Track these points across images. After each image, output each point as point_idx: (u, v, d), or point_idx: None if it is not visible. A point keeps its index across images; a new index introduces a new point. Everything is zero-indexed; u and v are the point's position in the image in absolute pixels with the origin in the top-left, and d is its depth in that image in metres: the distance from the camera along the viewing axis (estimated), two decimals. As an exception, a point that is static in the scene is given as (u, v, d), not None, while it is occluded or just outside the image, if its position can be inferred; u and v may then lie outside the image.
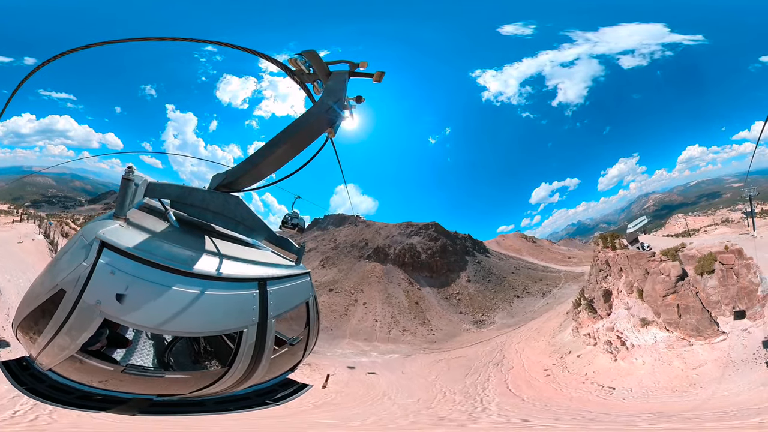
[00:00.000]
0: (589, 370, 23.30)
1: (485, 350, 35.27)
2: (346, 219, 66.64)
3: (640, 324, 22.33)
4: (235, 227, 4.40)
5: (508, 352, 32.69)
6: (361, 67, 4.41)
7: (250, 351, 3.80)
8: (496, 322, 48.46)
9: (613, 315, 25.36)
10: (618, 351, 22.82)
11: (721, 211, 58.79)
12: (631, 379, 20.65)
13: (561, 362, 26.12)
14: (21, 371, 4.14)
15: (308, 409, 20.07)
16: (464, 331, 46.98)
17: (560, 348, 28.63)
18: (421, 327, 47.94)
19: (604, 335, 24.67)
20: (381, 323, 47.96)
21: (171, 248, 3.62)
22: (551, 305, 46.79)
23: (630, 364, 21.66)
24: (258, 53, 4.37)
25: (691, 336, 19.67)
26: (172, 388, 4.04)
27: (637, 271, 23.77)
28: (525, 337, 35.82)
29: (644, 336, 21.77)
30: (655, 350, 21.03)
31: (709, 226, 49.96)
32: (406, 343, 44.33)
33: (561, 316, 37.27)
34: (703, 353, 19.24)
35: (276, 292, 3.98)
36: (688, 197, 68.97)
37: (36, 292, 3.76)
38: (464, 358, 34.07)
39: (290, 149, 4.30)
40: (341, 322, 47.64)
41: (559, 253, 66.46)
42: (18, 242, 31.77)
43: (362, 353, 40.33)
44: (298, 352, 4.65)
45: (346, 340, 44.02)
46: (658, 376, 19.84)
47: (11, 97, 4.89)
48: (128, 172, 3.91)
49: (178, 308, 3.38)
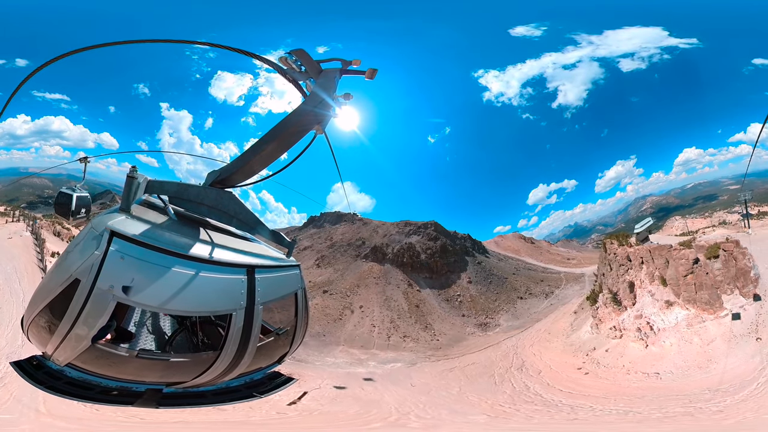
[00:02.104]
0: (624, 362, 24.72)
1: (497, 355, 33.58)
2: (343, 217, 65.11)
3: (665, 306, 25.30)
4: (228, 221, 4.69)
5: (524, 355, 31.40)
6: (354, 64, 4.56)
7: (238, 335, 4.05)
8: (502, 324, 46.69)
9: (638, 304, 27.62)
10: (648, 337, 24.97)
11: (718, 213, 59.03)
12: (666, 362, 22.90)
13: (590, 359, 26.79)
14: (35, 370, 4.40)
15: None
16: (469, 335, 44.85)
17: (580, 347, 29.19)
18: (424, 332, 45.64)
19: (632, 324, 26.71)
20: (379, 328, 45.37)
21: (171, 236, 4.00)
22: (555, 306, 46.11)
23: (660, 348, 24.12)
24: (248, 53, 4.51)
25: (704, 311, 23.51)
26: (176, 374, 4.34)
27: (659, 260, 27.23)
28: (536, 339, 34.99)
29: (668, 317, 24.86)
30: (678, 331, 24.02)
31: (707, 227, 50.19)
32: (408, 350, 41.63)
33: (568, 316, 37.29)
34: (712, 329, 22.66)
35: (264, 279, 4.21)
36: (685, 199, 69.21)
37: (48, 287, 4.02)
38: (478, 365, 32.01)
39: (278, 147, 4.54)
40: (335, 327, 45.19)
41: (558, 255, 66.42)
42: (8, 238, 34.36)
43: (358, 362, 37.43)
44: (285, 342, 4.83)
45: (339, 348, 41.60)
46: (685, 355, 22.53)
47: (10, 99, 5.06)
48: (132, 171, 4.30)
49: (177, 287, 3.74)
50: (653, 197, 72.66)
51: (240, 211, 4.66)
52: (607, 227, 73.39)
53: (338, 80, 4.52)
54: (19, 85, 4.76)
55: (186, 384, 4.40)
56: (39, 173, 63.66)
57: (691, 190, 69.31)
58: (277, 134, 4.46)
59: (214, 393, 4.88)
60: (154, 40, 4.79)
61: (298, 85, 4.75)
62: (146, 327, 5.46)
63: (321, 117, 4.47)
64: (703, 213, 61.44)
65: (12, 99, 5.08)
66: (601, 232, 73.23)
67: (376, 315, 47.35)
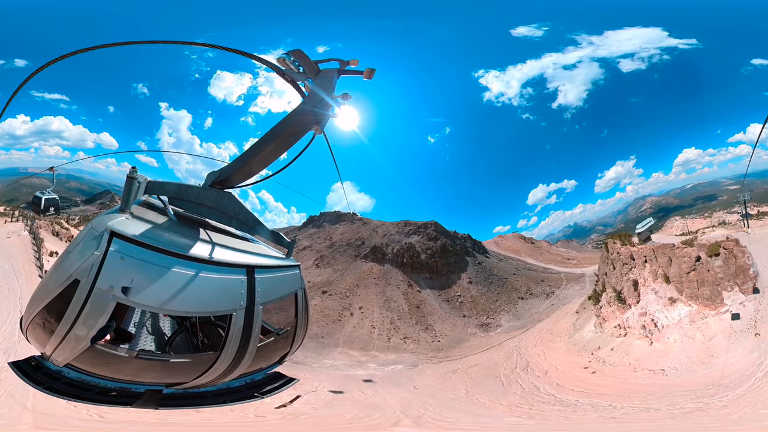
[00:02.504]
0: (630, 359, 25.03)
1: (500, 356, 33.07)
2: (343, 216, 64.15)
3: (668, 303, 25.96)
4: (228, 221, 4.71)
5: (528, 356, 31.09)
6: (352, 64, 4.57)
7: (238, 336, 4.06)
8: (503, 324, 45.93)
9: (642, 301, 28.06)
10: (652, 333, 25.51)
11: (717, 214, 58.97)
12: (671, 359, 23.19)
13: (595, 358, 26.95)
14: (33, 371, 4.38)
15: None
16: (471, 336, 43.87)
17: (585, 346, 29.31)
18: (425, 333, 44.55)
19: (637, 322, 27.19)
20: (379, 330, 44.31)
21: (171, 236, 4.01)
22: (556, 306, 45.81)
23: (664, 345, 24.54)
24: (246, 54, 4.51)
25: (706, 307, 24.22)
26: (176, 375, 4.34)
27: (662, 259, 27.96)
28: (539, 339, 34.79)
29: (672, 314, 25.48)
30: (681, 327, 24.58)
31: (706, 228, 50.20)
32: (409, 351, 40.40)
33: (569, 316, 37.21)
34: (714, 324, 23.22)
35: (264, 280, 4.22)
36: (685, 200, 69.19)
37: (48, 287, 4.00)
38: (481, 366, 31.42)
39: (277, 147, 4.56)
40: (334, 328, 43.99)
41: (558, 255, 66.21)
42: (6, 237, 35.57)
43: (358, 364, 36.27)
44: (286, 343, 4.82)
45: (338, 350, 40.12)
46: (688, 351, 22.94)
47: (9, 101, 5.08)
48: (132, 172, 4.29)
49: (177, 288, 3.74)
50: (653, 197, 72.66)
51: (240, 211, 4.67)
52: (606, 227, 73.38)
53: (336, 80, 4.53)
54: (18, 87, 4.76)
55: (186, 385, 4.39)
56: (38, 173, 63.65)
57: (690, 190, 69.32)
58: (277, 135, 4.47)
59: (214, 394, 4.87)
60: (154, 41, 4.81)
61: (297, 86, 4.76)
62: (146, 327, 5.43)
63: (320, 117, 4.49)
64: (702, 213, 61.41)
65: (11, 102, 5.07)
66: (600, 232, 73.21)
67: (375, 316, 46.31)
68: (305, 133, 4.59)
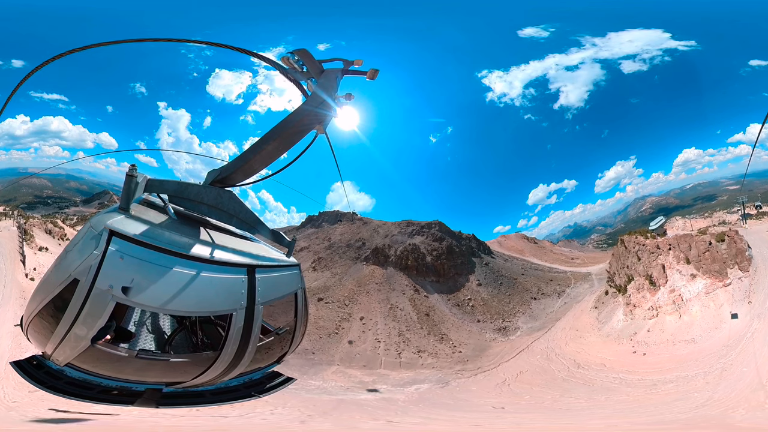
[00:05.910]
0: (666, 336, 28.43)
1: (538, 360, 30.80)
2: (342, 216, 61.61)
3: (690, 278, 31.66)
4: (228, 220, 4.67)
5: (569, 354, 30.16)
6: (356, 64, 4.55)
7: (238, 335, 4.03)
8: (521, 327, 43.04)
9: (670, 281, 33.20)
10: (680, 307, 30.21)
11: (717, 214, 58.99)
12: (696, 327, 27.10)
13: (637, 342, 29.33)
14: (35, 370, 4.37)
15: None
16: (492, 342, 40.06)
17: (619, 335, 31.36)
18: (440, 344, 39.52)
19: (668, 298, 31.88)
20: (386, 344, 38.40)
21: (171, 236, 3.95)
22: (569, 304, 44.28)
23: (690, 316, 28.76)
24: (249, 52, 4.49)
25: (716, 279, 29.94)
26: (176, 374, 4.32)
27: (683, 245, 34.00)
28: (568, 338, 33.72)
29: (693, 287, 30.88)
30: (699, 299, 29.41)
31: (707, 227, 50.38)
32: (429, 367, 34.96)
33: (587, 312, 37.29)
34: (721, 295, 28.31)
35: (264, 279, 4.19)
36: (685, 200, 69.20)
37: (47, 287, 3.98)
38: (530, 372, 28.72)
39: (279, 146, 4.52)
40: (329, 343, 38.00)
41: (561, 254, 65.69)
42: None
43: (359, 386, 30.21)
44: (285, 342, 4.80)
45: (332, 368, 33.89)
46: (707, 319, 27.18)
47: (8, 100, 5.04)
48: (132, 170, 4.22)
49: (177, 288, 3.69)
50: (653, 198, 72.67)
51: (240, 210, 4.64)
52: (606, 228, 73.45)
53: (340, 80, 4.51)
54: (17, 86, 4.74)
55: (186, 384, 4.38)
56: (38, 173, 63.61)
57: (690, 190, 69.35)
58: (278, 134, 4.44)
59: (213, 392, 4.86)
60: (152, 39, 4.76)
61: (299, 85, 4.73)
62: (146, 327, 5.41)
63: (322, 117, 4.46)
64: (702, 213, 61.35)
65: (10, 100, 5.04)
66: (600, 232, 73.30)
67: (380, 327, 40.78)
68: (307, 133, 4.56)
